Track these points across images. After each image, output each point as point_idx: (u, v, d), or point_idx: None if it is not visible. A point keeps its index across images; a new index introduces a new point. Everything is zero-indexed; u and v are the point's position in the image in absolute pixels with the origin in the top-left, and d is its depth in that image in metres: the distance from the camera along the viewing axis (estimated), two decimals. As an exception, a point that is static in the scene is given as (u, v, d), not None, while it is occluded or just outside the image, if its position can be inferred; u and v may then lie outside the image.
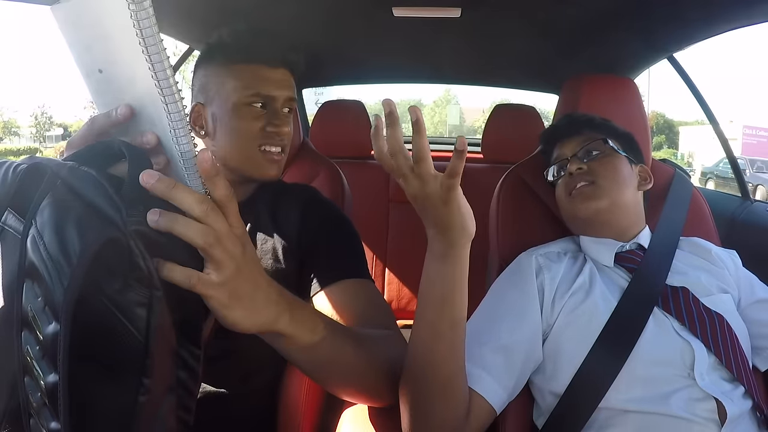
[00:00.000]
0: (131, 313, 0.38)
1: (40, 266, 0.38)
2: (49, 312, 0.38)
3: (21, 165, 0.43)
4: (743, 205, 1.51)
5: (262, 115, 0.85)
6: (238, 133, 0.84)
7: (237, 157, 0.84)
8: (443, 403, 0.66)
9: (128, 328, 0.38)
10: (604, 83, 1.15)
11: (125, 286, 0.38)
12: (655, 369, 0.74)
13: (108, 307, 0.38)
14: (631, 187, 0.91)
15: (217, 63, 0.86)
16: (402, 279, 1.83)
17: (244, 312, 0.46)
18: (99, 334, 0.38)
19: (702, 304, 0.80)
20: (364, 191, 1.82)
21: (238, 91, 0.83)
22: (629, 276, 0.85)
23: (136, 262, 0.39)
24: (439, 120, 46.13)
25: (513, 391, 0.78)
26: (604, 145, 0.92)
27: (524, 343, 0.79)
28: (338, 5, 1.47)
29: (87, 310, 0.37)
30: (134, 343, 0.39)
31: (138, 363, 0.39)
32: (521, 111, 2.00)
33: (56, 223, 0.39)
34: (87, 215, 0.39)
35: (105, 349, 0.38)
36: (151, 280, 0.39)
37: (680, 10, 1.22)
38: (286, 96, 0.87)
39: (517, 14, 1.52)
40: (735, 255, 0.93)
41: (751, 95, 63.82)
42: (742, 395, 0.75)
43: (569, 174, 0.92)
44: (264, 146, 0.84)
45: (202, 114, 0.86)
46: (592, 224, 0.90)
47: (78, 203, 0.40)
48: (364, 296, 0.78)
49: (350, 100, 1.96)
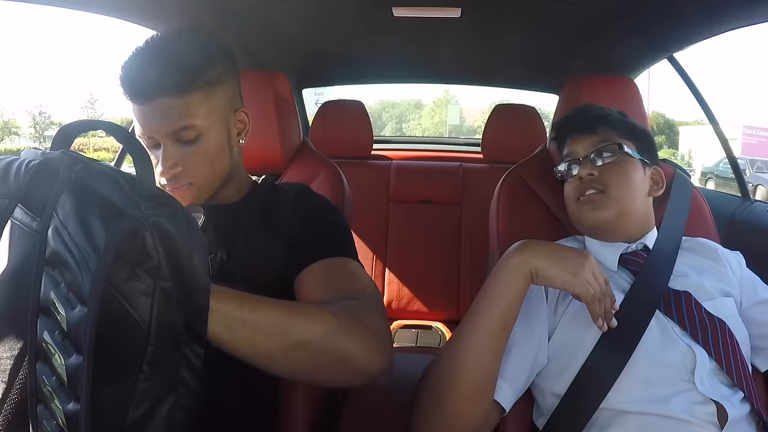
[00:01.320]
0: (135, 301, 0.40)
1: (64, 254, 0.40)
2: (74, 297, 0.40)
3: (33, 161, 0.45)
4: (743, 205, 1.51)
5: (154, 151, 0.78)
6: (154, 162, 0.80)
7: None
8: (473, 408, 0.71)
9: (132, 315, 0.40)
10: (604, 83, 1.15)
11: (132, 275, 0.40)
12: (656, 371, 0.74)
13: (114, 294, 0.39)
14: (642, 194, 0.89)
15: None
16: (402, 279, 1.83)
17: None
18: (107, 320, 0.39)
19: (704, 309, 0.80)
20: (364, 191, 1.82)
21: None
22: (632, 278, 0.85)
23: (148, 253, 0.41)
24: (439, 120, 46.14)
25: (521, 390, 0.79)
26: (619, 150, 0.89)
27: (533, 343, 0.79)
28: (338, 5, 1.47)
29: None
30: (138, 330, 0.41)
31: (140, 349, 0.41)
32: (521, 111, 2.00)
33: (80, 213, 0.41)
34: (108, 207, 0.41)
35: (112, 335, 0.40)
36: (159, 271, 0.41)
37: (680, 10, 1.22)
38: (164, 129, 0.75)
39: (517, 14, 1.52)
40: (740, 256, 0.93)
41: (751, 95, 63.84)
42: (740, 400, 0.75)
43: (579, 178, 0.90)
44: (167, 185, 0.79)
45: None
46: (599, 232, 0.89)
47: (97, 196, 0.42)
48: (344, 271, 0.76)
49: (350, 100, 1.96)
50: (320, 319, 0.61)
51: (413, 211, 1.87)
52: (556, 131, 1.00)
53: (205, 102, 0.77)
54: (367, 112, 1.98)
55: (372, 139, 1.97)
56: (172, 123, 0.75)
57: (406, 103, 56.38)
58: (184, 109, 0.75)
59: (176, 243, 0.43)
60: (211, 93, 0.78)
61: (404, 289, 1.82)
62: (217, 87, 0.79)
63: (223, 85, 0.80)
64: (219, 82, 0.79)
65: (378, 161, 2.01)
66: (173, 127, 0.75)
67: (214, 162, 0.80)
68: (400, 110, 55.78)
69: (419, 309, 1.80)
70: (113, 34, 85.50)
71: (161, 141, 0.77)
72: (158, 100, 0.74)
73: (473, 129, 44.33)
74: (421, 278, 1.80)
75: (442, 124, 44.38)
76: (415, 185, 1.90)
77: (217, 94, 0.79)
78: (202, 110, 0.77)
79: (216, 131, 0.80)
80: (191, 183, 0.79)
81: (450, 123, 41.38)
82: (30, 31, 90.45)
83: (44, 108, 36.84)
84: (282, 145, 1.15)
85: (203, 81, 0.77)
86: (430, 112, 49.24)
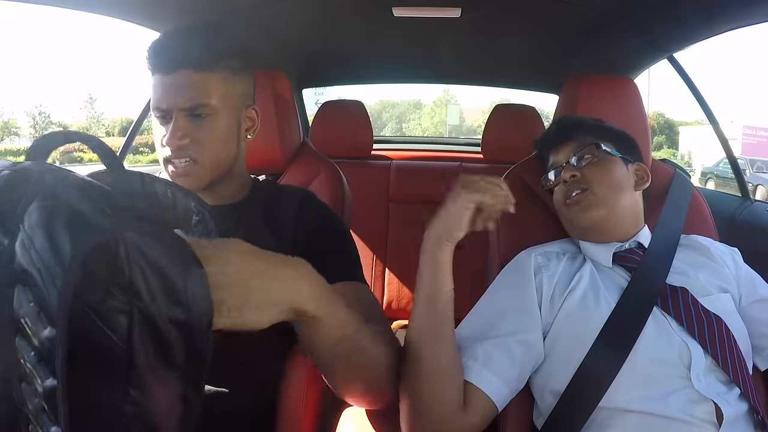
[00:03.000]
0: (111, 321, 0.38)
1: (32, 271, 0.38)
2: (44, 317, 0.37)
3: (3, 171, 0.42)
4: (743, 205, 1.51)
5: (164, 128, 0.80)
6: (157, 149, 0.82)
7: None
8: (436, 386, 0.71)
9: (109, 336, 0.37)
10: (603, 83, 1.15)
11: (105, 293, 0.37)
12: (654, 369, 0.74)
13: (87, 313, 0.37)
14: (628, 189, 0.90)
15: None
16: (402, 279, 1.83)
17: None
18: (83, 340, 0.37)
19: (701, 305, 0.80)
20: (364, 191, 1.82)
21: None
22: (629, 275, 0.85)
23: (120, 268, 0.38)
24: (438, 120, 46.16)
25: (515, 386, 0.79)
26: (597, 150, 0.91)
27: (523, 337, 0.80)
28: (338, 5, 1.47)
29: (69, 315, 0.36)
30: (117, 351, 0.38)
31: (123, 371, 0.38)
32: (521, 111, 2.00)
33: (46, 226, 0.38)
34: (77, 219, 0.38)
35: (91, 356, 0.38)
36: (133, 288, 0.38)
37: (680, 10, 1.22)
38: (180, 103, 0.77)
39: (517, 14, 1.52)
40: (736, 252, 0.93)
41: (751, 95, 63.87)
42: (737, 397, 0.75)
43: (563, 182, 0.91)
44: (168, 160, 0.80)
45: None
46: (591, 232, 0.90)
47: (66, 208, 0.39)
48: (357, 298, 0.78)
49: (350, 100, 1.96)
50: (383, 353, 0.68)
51: (413, 211, 1.87)
52: (537, 148, 1.04)
53: (223, 85, 0.80)
54: (367, 112, 1.98)
55: (372, 139, 1.97)
56: (189, 98, 0.77)
57: (406, 103, 56.42)
58: (203, 85, 0.78)
59: (153, 257, 0.40)
60: (230, 79, 0.81)
61: (404, 289, 1.82)
62: (237, 76, 0.83)
63: (241, 77, 0.84)
64: (239, 72, 0.83)
65: (378, 161, 2.01)
66: (189, 102, 0.78)
67: (220, 145, 0.82)
68: (400, 110, 55.79)
69: (419, 309, 1.80)
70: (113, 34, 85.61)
71: (174, 114, 0.78)
72: (180, 72, 0.77)
73: (473, 129, 44.36)
74: None
75: (442, 124, 44.41)
76: (415, 185, 1.90)
77: (235, 83, 0.83)
78: (219, 92, 0.80)
79: (228, 116, 0.82)
80: (195, 161, 0.80)
81: (450, 123, 41.39)
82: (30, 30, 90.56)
83: (44, 108, 36.78)
84: (282, 145, 1.15)
85: (225, 65, 0.80)
86: (429, 112, 49.25)
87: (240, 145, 0.87)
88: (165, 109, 0.78)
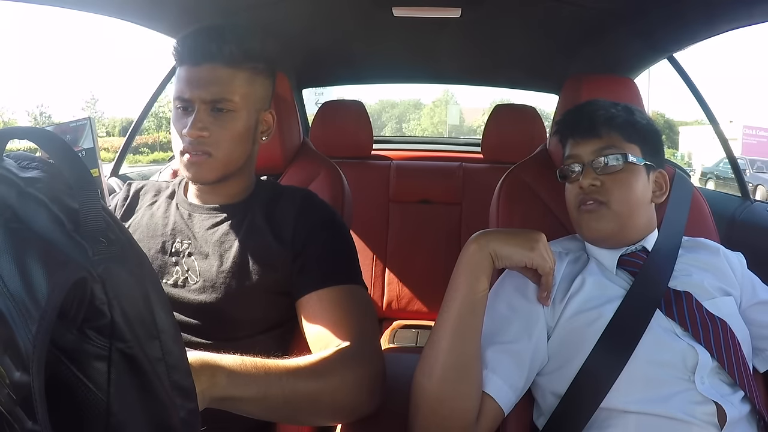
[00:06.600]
0: (88, 367, 0.34)
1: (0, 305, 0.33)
2: (14, 358, 0.32)
3: None
4: (743, 205, 1.51)
5: (184, 119, 0.82)
6: (173, 139, 0.84)
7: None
8: (460, 394, 0.71)
9: (85, 383, 0.34)
10: (604, 83, 1.15)
11: (81, 336, 0.33)
12: (655, 370, 0.74)
13: (60, 359, 0.33)
14: (645, 203, 0.88)
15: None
16: (402, 279, 1.83)
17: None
18: (56, 388, 0.33)
19: (705, 309, 0.79)
20: (364, 191, 1.81)
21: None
22: (632, 278, 0.84)
23: (99, 309, 0.34)
24: (439, 120, 46.18)
25: (521, 390, 0.79)
26: (623, 158, 0.86)
27: (530, 342, 0.79)
28: (338, 5, 1.47)
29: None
30: (94, 400, 0.34)
31: (101, 422, 0.34)
32: (521, 111, 2.00)
33: (15, 255, 0.33)
34: (49, 250, 0.34)
35: (66, 405, 0.34)
36: (114, 329, 0.34)
37: (680, 10, 1.22)
38: (204, 95, 0.80)
39: (518, 14, 1.52)
40: (741, 257, 0.92)
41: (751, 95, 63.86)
42: (741, 399, 0.75)
43: (581, 187, 0.86)
44: (184, 151, 0.82)
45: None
46: (599, 241, 0.88)
47: (34, 234, 0.35)
48: (350, 303, 0.79)
49: (350, 100, 1.96)
50: (340, 378, 0.68)
51: (413, 211, 1.87)
52: (559, 128, 0.96)
53: (247, 84, 0.83)
54: (367, 112, 1.98)
55: (372, 139, 1.97)
56: (213, 92, 0.80)
57: (406, 103, 56.42)
58: (229, 81, 0.81)
59: (131, 291, 0.36)
60: (254, 79, 0.84)
61: (404, 289, 1.82)
62: (260, 78, 0.86)
63: (263, 80, 0.87)
64: (262, 75, 0.86)
65: (378, 161, 2.01)
66: (213, 96, 0.80)
67: (237, 142, 0.84)
68: (399, 110, 55.80)
69: (419, 309, 1.80)
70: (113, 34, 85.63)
71: (197, 106, 0.80)
72: (208, 65, 0.80)
73: (473, 129, 44.35)
74: (421, 278, 1.79)
75: (442, 124, 44.44)
76: (415, 185, 1.90)
77: (258, 84, 0.85)
78: (242, 90, 0.82)
79: (247, 115, 0.84)
80: (211, 154, 0.81)
81: (450, 123, 41.42)
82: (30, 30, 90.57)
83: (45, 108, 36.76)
84: (282, 145, 1.15)
85: (251, 66, 0.83)
86: (429, 112, 49.28)
87: (254, 146, 0.89)
88: (188, 99, 0.80)
